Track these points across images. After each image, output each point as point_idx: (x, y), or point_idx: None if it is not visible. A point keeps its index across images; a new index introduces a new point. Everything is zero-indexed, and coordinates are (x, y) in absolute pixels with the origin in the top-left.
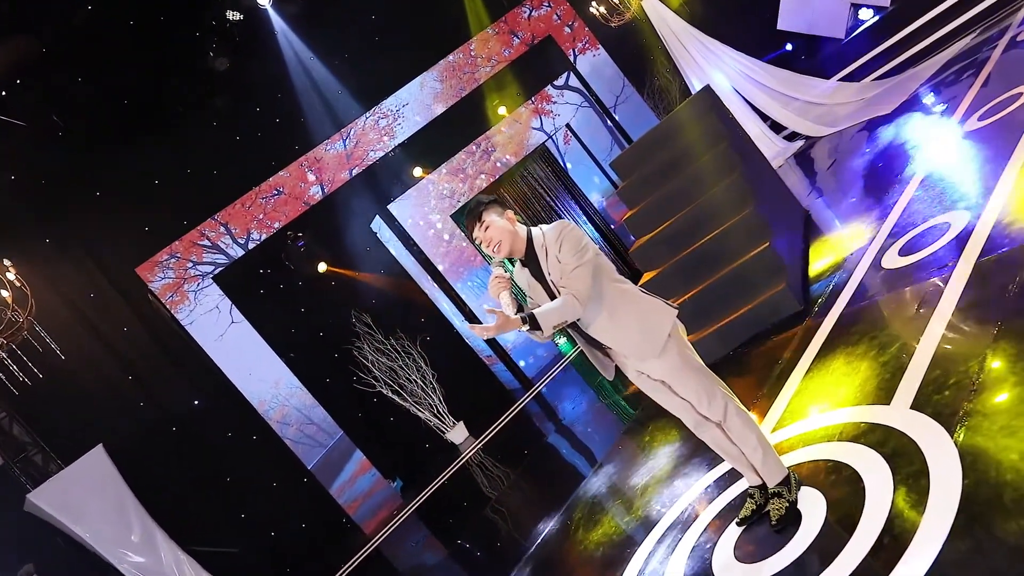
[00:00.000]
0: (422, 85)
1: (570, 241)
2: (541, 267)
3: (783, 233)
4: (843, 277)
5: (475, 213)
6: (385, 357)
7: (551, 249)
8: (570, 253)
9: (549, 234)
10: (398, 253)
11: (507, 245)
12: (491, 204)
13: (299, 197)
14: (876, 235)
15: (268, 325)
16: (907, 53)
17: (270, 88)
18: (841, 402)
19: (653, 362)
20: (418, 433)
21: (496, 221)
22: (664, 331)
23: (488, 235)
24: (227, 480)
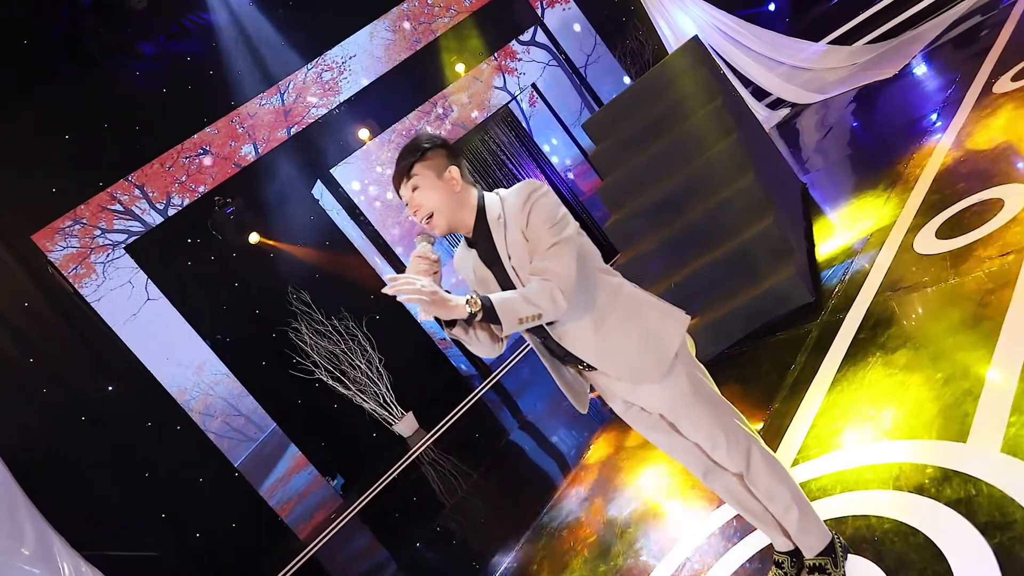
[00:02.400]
0: (372, 35)
1: (543, 209)
2: (496, 248)
3: (785, 208)
4: (861, 263)
5: (404, 163)
6: (326, 340)
7: (513, 222)
8: (543, 226)
9: (511, 201)
10: (342, 223)
11: (444, 217)
12: (430, 152)
13: (228, 158)
14: (901, 213)
15: (190, 303)
16: (905, 14)
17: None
18: (890, 432)
19: (651, 389)
20: (362, 425)
21: (431, 180)
22: (672, 347)
23: (417, 199)
24: (145, 476)
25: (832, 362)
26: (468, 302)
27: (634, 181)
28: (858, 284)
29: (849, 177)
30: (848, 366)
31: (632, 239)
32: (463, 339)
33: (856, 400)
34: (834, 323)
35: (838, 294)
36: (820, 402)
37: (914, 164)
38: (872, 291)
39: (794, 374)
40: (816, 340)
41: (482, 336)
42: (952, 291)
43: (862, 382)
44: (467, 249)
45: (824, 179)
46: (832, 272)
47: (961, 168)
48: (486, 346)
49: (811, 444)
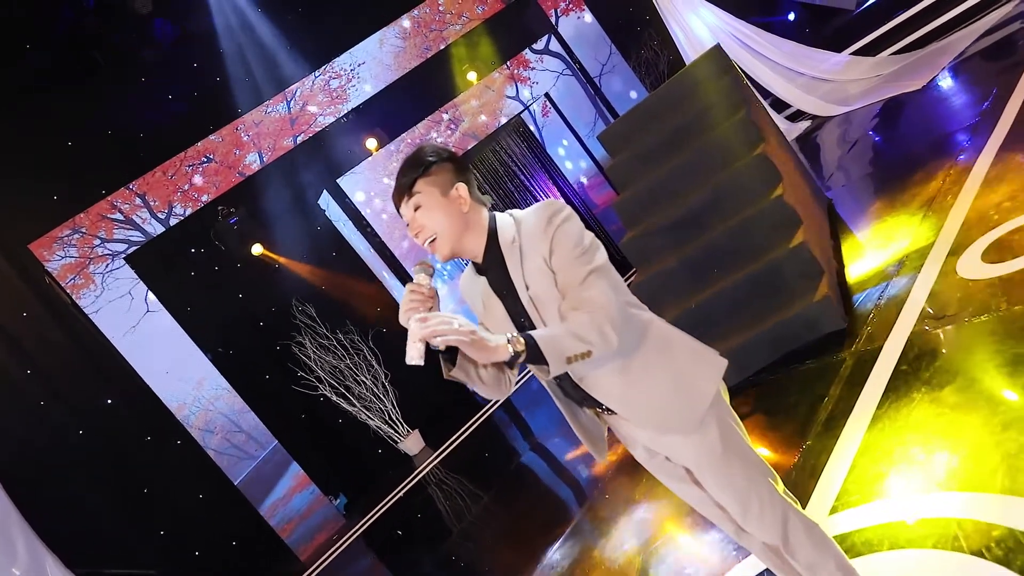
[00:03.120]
0: (382, 42)
1: (569, 235)
2: (510, 276)
3: (813, 226)
4: (898, 287)
5: (405, 179)
6: (330, 355)
7: (532, 247)
8: (572, 254)
9: (529, 223)
10: (349, 235)
11: (449, 241)
12: (435, 166)
13: (233, 166)
14: (940, 233)
15: (191, 315)
16: (930, 25)
17: (211, 42)
18: (946, 481)
19: (678, 439)
20: (366, 443)
21: (435, 198)
22: (707, 395)
23: (419, 220)
24: (144, 492)
25: (871, 396)
26: (510, 342)
27: (652, 195)
28: (896, 310)
29: (878, 194)
30: (889, 402)
31: (649, 257)
32: (465, 380)
33: (901, 441)
34: (871, 353)
35: (873, 320)
36: (859, 441)
37: (951, 181)
38: (912, 318)
39: (827, 408)
40: (851, 371)
41: (487, 376)
42: (1006, 322)
43: (907, 421)
44: (475, 276)
45: (850, 196)
46: (865, 296)
47: (1005, 186)
48: (491, 387)
49: (851, 489)
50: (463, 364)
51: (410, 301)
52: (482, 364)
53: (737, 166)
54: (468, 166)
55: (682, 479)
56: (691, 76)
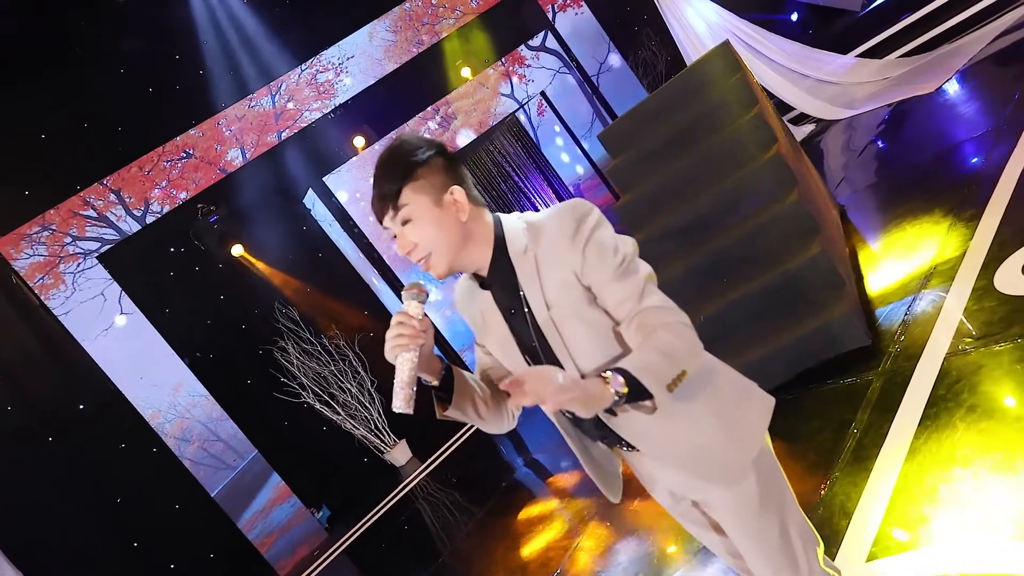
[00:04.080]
0: (371, 36)
1: (605, 245)
2: (524, 295)
3: (830, 234)
4: (927, 302)
5: (387, 187)
6: (314, 360)
7: (552, 258)
8: (613, 265)
9: (549, 230)
10: (335, 235)
11: (446, 257)
12: (423, 168)
13: (213, 162)
14: (971, 244)
15: (168, 318)
16: (940, 27)
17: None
18: (1003, 529)
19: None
20: (351, 453)
21: (426, 208)
22: (756, 442)
23: (409, 236)
24: (116, 502)
25: (906, 424)
26: (609, 382)
27: (657, 199)
28: (927, 327)
29: (893, 202)
30: (929, 431)
31: (654, 265)
32: (462, 419)
33: (946, 478)
34: (902, 375)
35: (902, 339)
36: (896, 476)
37: (978, 188)
38: (947, 337)
39: (855, 435)
40: (880, 394)
41: (488, 411)
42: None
43: (951, 454)
44: (475, 288)
45: (863, 203)
46: (890, 311)
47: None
48: (492, 423)
49: (891, 533)
50: (460, 402)
51: (397, 336)
52: (480, 400)
53: (749, 168)
54: (458, 160)
55: (707, 527)
56: (698, 73)
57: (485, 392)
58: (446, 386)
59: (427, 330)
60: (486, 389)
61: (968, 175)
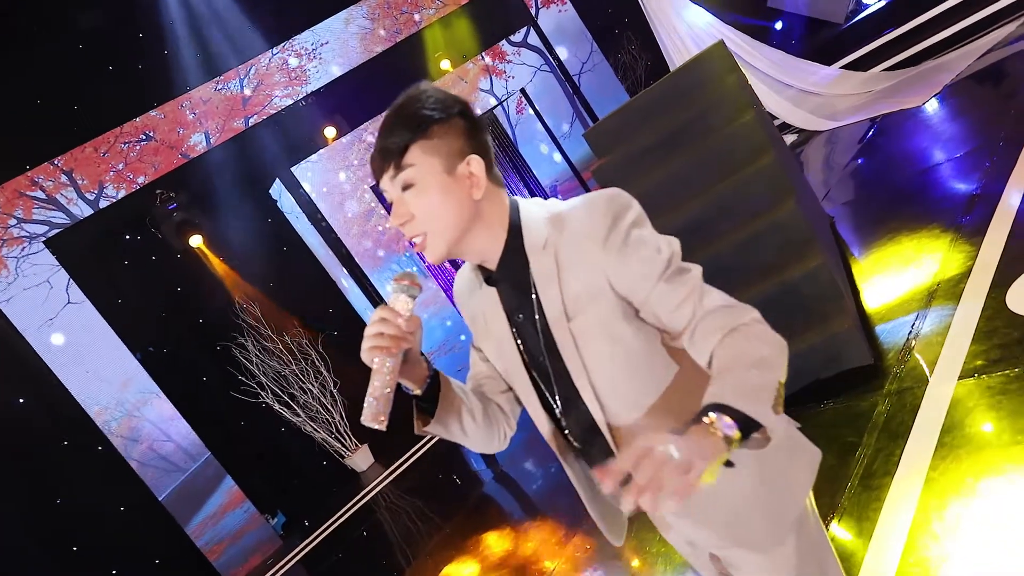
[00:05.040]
0: (348, 22)
1: (647, 243)
2: (538, 297)
3: (826, 245)
4: (933, 321)
5: (393, 139)
6: (275, 359)
7: (581, 259)
8: (661, 267)
9: (577, 222)
10: (302, 228)
11: (445, 238)
12: (438, 125)
13: (175, 146)
14: (976, 260)
15: (119, 309)
16: (925, 43)
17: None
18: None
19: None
20: (310, 457)
21: (434, 174)
22: (798, 503)
23: (407, 205)
24: (56, 503)
25: (919, 452)
26: (715, 427)
27: (646, 203)
28: (935, 348)
29: (884, 214)
30: (946, 460)
31: None
32: (444, 435)
33: (969, 512)
34: (911, 397)
35: (906, 358)
36: (913, 509)
37: (979, 203)
38: (958, 359)
39: (862, 461)
40: (888, 417)
41: (475, 429)
42: None
43: (973, 487)
44: (479, 285)
45: (852, 215)
46: (891, 329)
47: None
48: (477, 440)
49: (913, 571)
50: (444, 417)
51: (376, 336)
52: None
53: (745, 173)
54: (485, 125)
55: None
56: (692, 73)
57: (474, 405)
58: (430, 396)
59: (415, 331)
60: (476, 402)
61: (965, 190)
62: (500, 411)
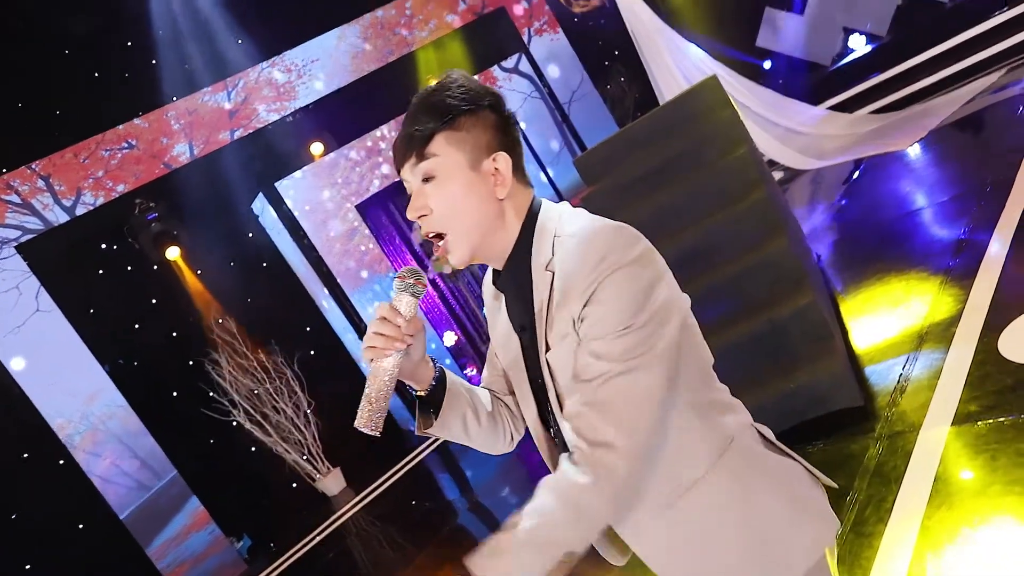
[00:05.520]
0: (340, 39)
1: (619, 294)
2: (533, 319)
3: (816, 284)
4: (924, 365)
5: (417, 128)
6: (249, 377)
7: (567, 288)
8: (608, 328)
9: (573, 248)
10: (283, 245)
11: (467, 240)
12: (466, 116)
13: (158, 156)
14: (967, 304)
15: (90, 319)
16: (910, 88)
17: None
18: None
19: None
20: (280, 479)
21: (457, 168)
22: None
23: (426, 199)
24: (11, 517)
25: (913, 498)
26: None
27: None
28: (926, 392)
29: (870, 255)
30: (941, 508)
31: None
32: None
33: (966, 563)
34: (903, 442)
35: (897, 401)
36: (908, 557)
37: (968, 247)
38: (951, 405)
39: (854, 508)
40: (879, 462)
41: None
42: None
43: (969, 536)
44: (493, 296)
45: (839, 254)
46: (881, 370)
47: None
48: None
49: None
50: (448, 419)
51: (375, 336)
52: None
53: (736, 208)
54: (515, 122)
55: None
56: (685, 106)
57: (479, 405)
58: (434, 398)
59: (417, 333)
60: (483, 401)
61: (952, 234)
62: (508, 412)
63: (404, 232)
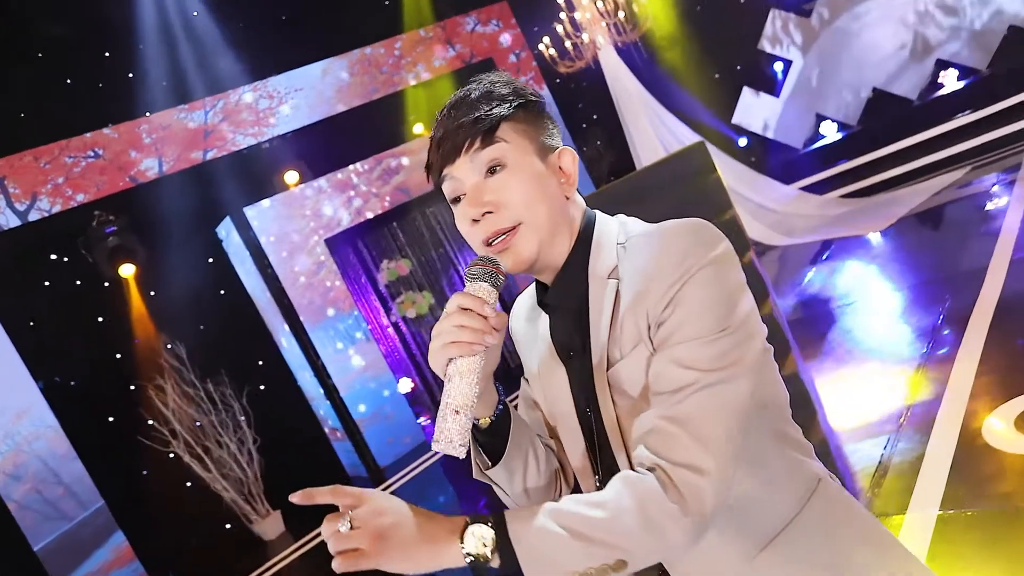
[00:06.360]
0: (325, 72)
1: (707, 293)
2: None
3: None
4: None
5: (483, 112)
6: (195, 407)
7: (640, 289)
8: (697, 328)
9: (647, 245)
10: (246, 273)
11: (537, 235)
12: (532, 108)
13: (124, 168)
14: (947, 388)
15: (29, 332)
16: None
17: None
18: None
19: None
20: (214, 518)
21: (527, 158)
22: None
23: (493, 191)
24: None
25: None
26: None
27: None
28: (910, 477)
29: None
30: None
31: None
32: (504, 483)
33: None
34: (888, 524)
35: (880, 483)
36: None
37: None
38: (937, 489)
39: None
40: None
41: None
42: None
43: None
44: (535, 310)
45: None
46: (861, 450)
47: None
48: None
49: None
50: (514, 457)
51: (459, 329)
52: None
53: None
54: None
55: None
56: (669, 168)
57: (536, 441)
58: (500, 429)
59: (502, 328)
60: (540, 445)
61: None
62: (556, 460)
63: (371, 272)
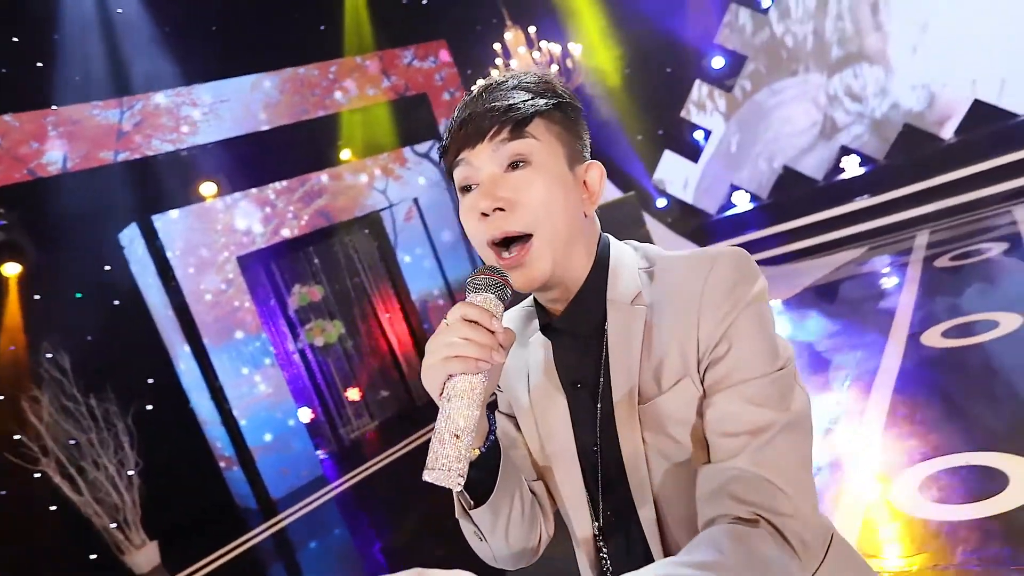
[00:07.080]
0: (254, 87)
1: (763, 328)
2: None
3: None
4: None
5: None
6: (73, 422)
7: (680, 320)
8: (763, 358)
9: (684, 269)
10: (146, 284)
11: (551, 248)
12: (572, 111)
13: (24, 160)
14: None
15: None
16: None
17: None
18: None
19: None
20: (80, 546)
21: (555, 159)
22: None
23: (507, 183)
24: None
25: None
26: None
27: None
28: None
29: None
30: None
31: None
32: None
33: None
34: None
35: None
36: None
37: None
38: None
39: None
40: None
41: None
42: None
43: None
44: (528, 333)
45: None
46: None
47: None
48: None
49: None
50: (502, 496)
51: (464, 343)
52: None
53: None
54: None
55: None
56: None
57: (524, 489)
58: (489, 461)
59: (508, 347)
60: (526, 486)
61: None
62: (538, 503)
63: (282, 295)
